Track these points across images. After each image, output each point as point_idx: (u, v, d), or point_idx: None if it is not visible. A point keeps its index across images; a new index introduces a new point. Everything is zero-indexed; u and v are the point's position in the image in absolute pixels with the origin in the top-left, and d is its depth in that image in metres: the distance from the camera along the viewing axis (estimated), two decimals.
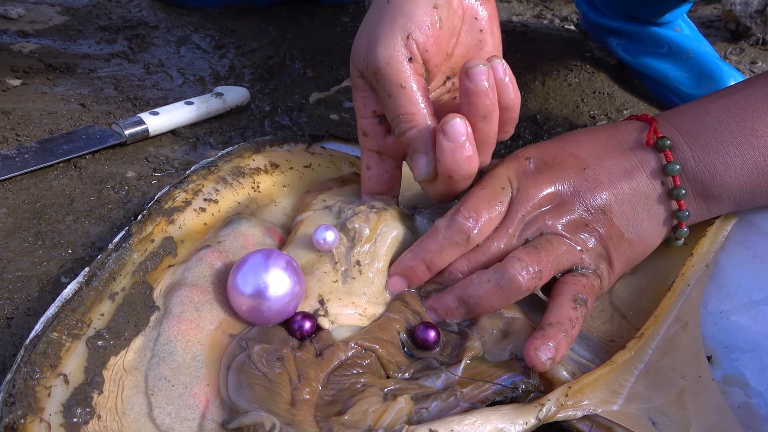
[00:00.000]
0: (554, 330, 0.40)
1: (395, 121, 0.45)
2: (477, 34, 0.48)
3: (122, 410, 0.36)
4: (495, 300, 0.43)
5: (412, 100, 0.44)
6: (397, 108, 0.44)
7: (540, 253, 0.43)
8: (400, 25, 0.44)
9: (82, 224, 0.53)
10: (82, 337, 0.38)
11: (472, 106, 0.43)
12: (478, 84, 0.42)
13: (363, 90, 0.48)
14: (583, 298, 0.42)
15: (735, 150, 0.44)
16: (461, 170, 0.43)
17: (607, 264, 0.45)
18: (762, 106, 0.45)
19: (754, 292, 0.46)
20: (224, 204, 0.50)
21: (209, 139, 0.68)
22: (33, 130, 0.64)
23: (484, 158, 0.46)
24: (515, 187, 0.46)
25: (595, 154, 0.46)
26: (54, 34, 0.91)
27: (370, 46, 0.45)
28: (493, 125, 0.44)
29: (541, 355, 0.39)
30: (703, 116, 0.46)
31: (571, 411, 0.38)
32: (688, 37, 0.85)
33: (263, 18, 1.01)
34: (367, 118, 0.49)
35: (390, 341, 0.42)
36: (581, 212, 0.45)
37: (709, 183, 0.45)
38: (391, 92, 0.44)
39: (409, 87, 0.44)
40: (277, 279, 0.41)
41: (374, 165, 0.49)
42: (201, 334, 0.40)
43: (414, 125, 0.44)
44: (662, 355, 0.42)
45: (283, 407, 0.37)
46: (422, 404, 0.38)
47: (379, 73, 0.44)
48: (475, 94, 0.42)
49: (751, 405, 0.41)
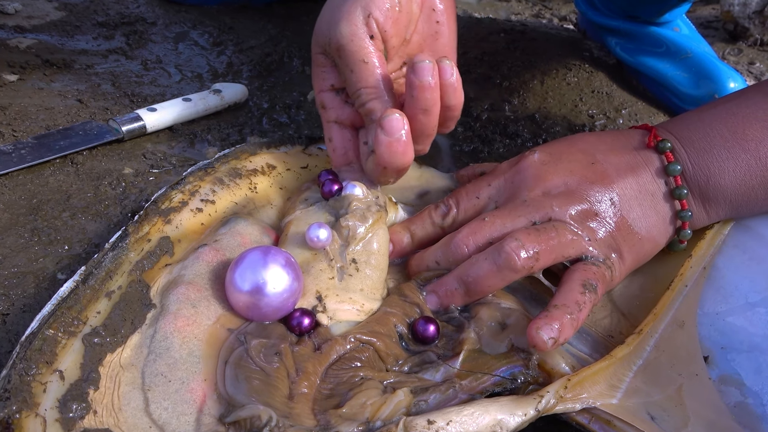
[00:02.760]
0: (559, 311, 0.40)
1: (356, 93, 0.48)
2: (434, 24, 0.51)
3: (119, 406, 0.36)
4: (492, 279, 0.43)
5: (373, 75, 0.47)
6: (359, 81, 0.47)
7: (541, 235, 0.43)
8: (362, 5, 0.47)
9: (79, 220, 0.53)
10: (78, 334, 0.38)
11: (415, 99, 0.45)
12: (422, 79, 0.44)
13: (323, 66, 0.51)
14: (592, 284, 0.42)
15: (727, 153, 0.46)
16: (395, 163, 0.46)
17: (618, 256, 0.45)
18: (752, 113, 0.46)
19: (750, 294, 0.46)
20: (221, 204, 0.50)
21: (207, 136, 0.68)
22: (30, 126, 0.64)
23: (423, 146, 0.49)
24: (513, 179, 0.48)
25: (602, 151, 0.48)
26: (51, 29, 0.90)
27: (332, 24, 0.47)
28: (432, 118, 0.46)
29: (542, 334, 0.39)
30: (696, 123, 0.48)
31: (570, 403, 0.38)
32: (687, 37, 0.85)
33: (262, 15, 1.01)
34: (326, 91, 0.52)
35: (388, 334, 0.42)
36: (590, 203, 0.45)
37: (705, 185, 0.46)
38: (353, 67, 0.47)
39: (371, 62, 0.47)
40: (276, 275, 0.41)
41: (335, 135, 0.52)
42: (198, 329, 0.40)
43: (374, 97, 0.47)
44: (660, 353, 0.42)
45: (281, 401, 0.37)
46: (421, 397, 0.38)
47: (342, 49, 0.47)
48: (418, 88, 0.45)
49: (747, 404, 0.41)
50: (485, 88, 0.83)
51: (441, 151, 0.72)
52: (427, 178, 0.56)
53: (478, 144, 0.73)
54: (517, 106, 0.81)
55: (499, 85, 0.83)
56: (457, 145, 0.73)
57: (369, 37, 0.46)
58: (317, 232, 0.44)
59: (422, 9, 0.50)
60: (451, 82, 0.46)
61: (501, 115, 0.79)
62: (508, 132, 0.76)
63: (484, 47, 0.90)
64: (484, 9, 1.26)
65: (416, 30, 0.51)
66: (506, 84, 0.83)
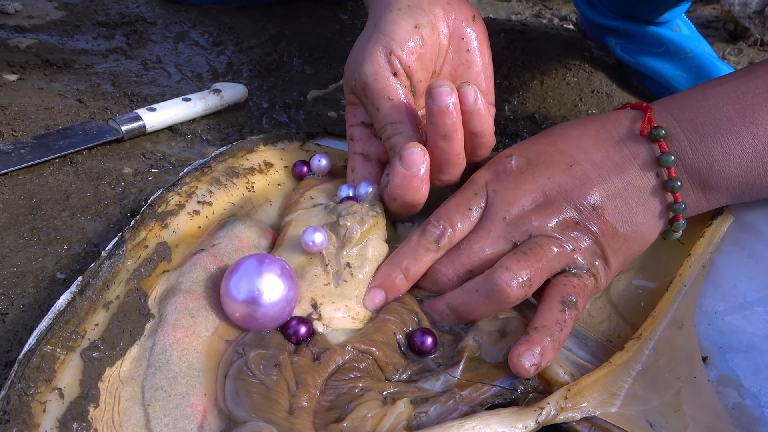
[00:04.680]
0: (539, 335, 0.39)
1: (382, 129, 0.48)
2: (464, 53, 0.50)
3: (119, 422, 0.36)
4: (484, 309, 0.42)
5: (399, 110, 0.47)
6: (385, 118, 0.47)
7: (529, 259, 0.42)
8: (383, 44, 0.47)
9: (78, 220, 0.53)
10: (77, 348, 0.38)
11: (434, 125, 0.44)
12: (440, 104, 0.43)
13: (353, 104, 0.52)
14: (572, 300, 0.41)
15: (734, 138, 0.43)
16: (406, 197, 0.45)
17: (603, 261, 0.44)
18: (762, 93, 0.43)
19: (748, 292, 0.46)
20: (218, 206, 0.49)
21: (206, 136, 0.68)
22: (29, 126, 0.64)
23: (449, 176, 0.47)
24: (492, 189, 0.46)
25: (584, 148, 0.45)
26: (51, 29, 0.90)
27: (357, 65, 0.48)
28: (454, 145, 0.45)
29: (524, 362, 0.38)
30: (700, 103, 0.44)
31: (570, 413, 0.38)
32: (687, 36, 0.85)
33: (262, 15, 1.01)
34: (356, 126, 0.52)
35: (386, 342, 0.42)
36: (570, 211, 0.44)
37: (707, 173, 0.44)
38: (379, 105, 0.47)
39: (396, 98, 0.47)
40: (271, 285, 0.40)
41: (358, 166, 0.52)
42: (197, 341, 0.40)
43: (400, 131, 0.47)
44: (659, 356, 0.42)
45: (282, 415, 0.37)
46: (421, 408, 0.38)
47: (368, 88, 0.48)
48: (436, 114, 0.43)
49: (744, 406, 0.41)
50: None
51: None
52: None
53: None
54: (517, 105, 0.81)
55: (499, 84, 0.83)
56: None
57: (393, 75, 0.47)
58: (312, 236, 0.44)
59: (451, 39, 0.50)
60: (474, 107, 0.44)
61: (501, 115, 0.79)
62: (507, 132, 0.76)
63: None
64: (485, 9, 1.26)
65: (446, 61, 0.50)
66: (506, 84, 0.83)
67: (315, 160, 0.54)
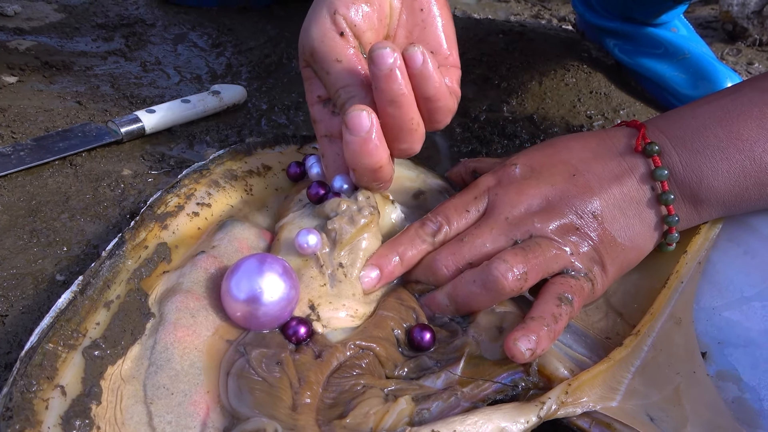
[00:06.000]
0: (536, 323, 0.40)
1: (336, 95, 0.45)
2: (418, 14, 0.47)
3: (122, 420, 0.36)
4: (481, 300, 0.43)
5: (349, 73, 0.44)
6: (336, 82, 0.44)
7: (527, 254, 0.42)
8: (326, 4, 0.45)
9: (78, 222, 0.53)
10: (78, 347, 0.38)
11: (379, 90, 0.41)
12: (382, 67, 0.40)
13: (309, 78, 0.48)
14: (568, 297, 0.42)
15: (721, 154, 0.45)
16: (363, 163, 0.43)
17: (601, 268, 0.45)
18: (748, 111, 0.45)
19: (745, 288, 0.46)
20: (217, 208, 0.49)
21: (206, 138, 0.68)
22: (29, 128, 0.64)
23: (408, 145, 0.44)
24: (495, 194, 0.46)
25: (585, 159, 0.47)
26: (50, 31, 0.91)
27: (304, 31, 0.46)
28: (405, 111, 0.42)
29: (520, 346, 0.39)
30: (689, 121, 0.46)
31: (571, 408, 0.38)
32: (685, 37, 0.86)
33: (261, 17, 1.01)
34: (315, 104, 0.49)
35: (386, 338, 0.42)
36: (571, 217, 0.45)
37: (697, 187, 0.46)
38: (329, 68, 0.45)
39: (345, 59, 0.44)
40: (272, 284, 0.40)
41: (326, 150, 0.49)
42: (198, 340, 0.40)
43: (352, 94, 0.44)
44: (658, 352, 0.43)
45: (285, 412, 0.37)
46: (423, 405, 0.38)
47: (315, 52, 0.45)
48: (380, 79, 0.41)
49: (744, 400, 0.41)
50: (484, 88, 0.83)
51: (439, 152, 0.72)
52: (422, 180, 0.56)
53: (476, 145, 0.73)
54: (516, 106, 0.81)
55: (498, 85, 0.83)
56: (455, 146, 0.73)
57: (339, 35, 0.44)
58: (306, 238, 0.44)
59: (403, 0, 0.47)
60: (422, 69, 0.41)
61: (499, 116, 0.79)
62: (506, 133, 0.76)
63: (483, 48, 0.90)
64: (483, 10, 1.26)
65: (400, 23, 0.48)
66: (505, 85, 0.83)
67: (308, 162, 0.53)
